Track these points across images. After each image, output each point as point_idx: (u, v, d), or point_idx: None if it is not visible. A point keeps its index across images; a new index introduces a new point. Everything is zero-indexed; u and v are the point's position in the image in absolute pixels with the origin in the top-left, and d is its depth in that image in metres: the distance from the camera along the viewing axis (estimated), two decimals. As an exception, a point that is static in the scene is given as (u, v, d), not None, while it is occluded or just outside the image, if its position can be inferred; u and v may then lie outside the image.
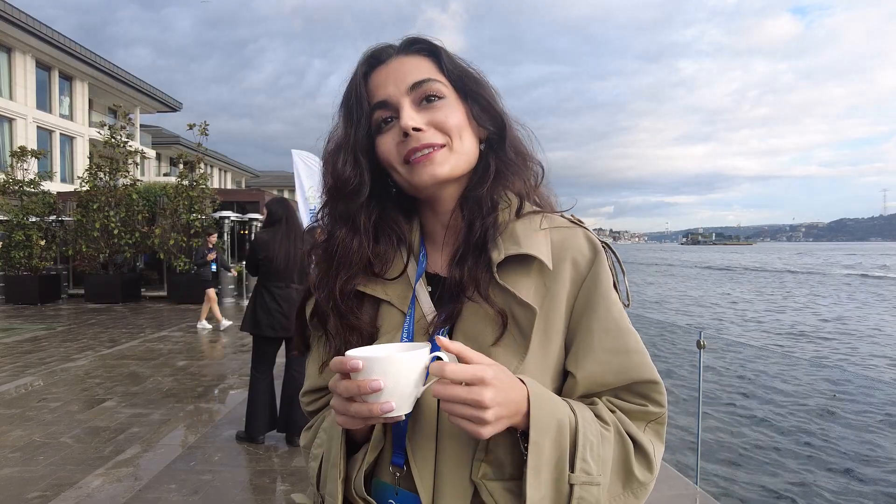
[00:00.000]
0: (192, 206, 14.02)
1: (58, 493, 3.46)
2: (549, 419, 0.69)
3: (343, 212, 0.84)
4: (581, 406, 0.75)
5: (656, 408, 0.79)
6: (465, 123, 0.81)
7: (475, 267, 0.79)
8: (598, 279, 0.79)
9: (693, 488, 3.35)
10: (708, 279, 39.59)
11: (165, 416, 4.99)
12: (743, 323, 17.43)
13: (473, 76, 0.85)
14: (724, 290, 30.46)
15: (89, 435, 4.51)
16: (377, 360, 0.65)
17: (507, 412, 0.66)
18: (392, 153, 0.80)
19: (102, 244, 13.92)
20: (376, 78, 0.82)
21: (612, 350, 0.77)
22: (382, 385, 0.64)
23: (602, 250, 0.82)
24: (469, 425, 0.64)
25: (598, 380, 0.77)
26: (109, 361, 6.95)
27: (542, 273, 0.79)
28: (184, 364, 7.09)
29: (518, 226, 0.81)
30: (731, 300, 24.59)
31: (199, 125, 14.64)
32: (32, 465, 3.88)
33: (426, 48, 0.84)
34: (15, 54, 22.91)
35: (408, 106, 0.79)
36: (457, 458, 0.74)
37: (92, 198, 14.00)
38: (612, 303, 0.79)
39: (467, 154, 0.82)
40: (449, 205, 0.85)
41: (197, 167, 14.61)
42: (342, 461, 0.79)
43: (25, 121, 23.33)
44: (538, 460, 0.67)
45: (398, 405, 0.64)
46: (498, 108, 0.85)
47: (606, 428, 0.74)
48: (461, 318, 0.79)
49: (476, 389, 0.63)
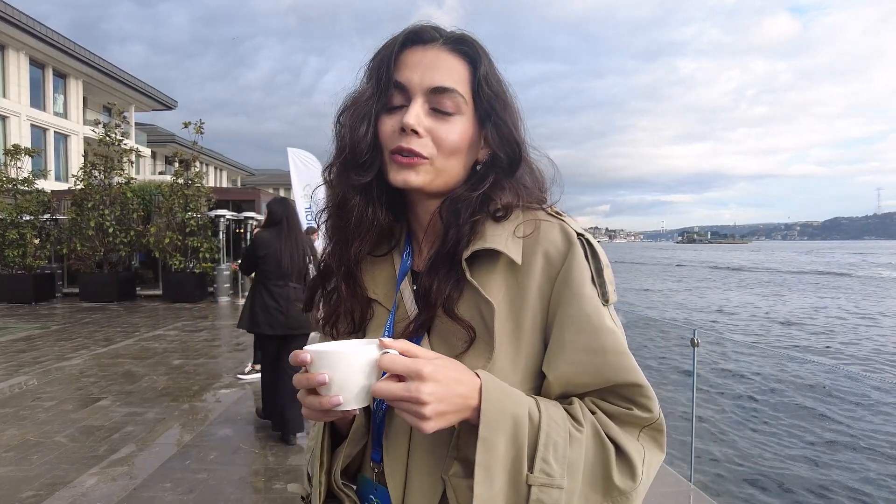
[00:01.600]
0: (188, 205, 13.98)
1: (52, 492, 3.45)
2: (502, 414, 0.66)
3: (356, 182, 0.81)
4: (551, 404, 0.72)
5: (643, 412, 0.73)
6: (463, 146, 0.79)
7: (445, 279, 0.77)
8: (570, 273, 0.75)
9: (686, 485, 3.37)
10: (733, 283, 33.37)
11: (160, 415, 4.98)
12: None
13: (504, 100, 0.82)
14: (777, 300, 23.38)
15: (84, 434, 4.50)
16: (324, 354, 0.65)
17: (450, 407, 0.64)
18: (387, 138, 0.79)
19: (97, 243, 13.87)
20: (409, 56, 0.79)
21: (585, 349, 0.73)
22: (327, 379, 0.64)
23: (577, 242, 0.77)
24: (411, 419, 0.63)
25: (573, 380, 0.73)
26: (104, 360, 6.93)
27: (513, 269, 0.77)
28: (179, 363, 7.08)
29: (490, 224, 0.78)
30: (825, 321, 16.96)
31: (195, 123, 14.60)
32: (26, 465, 3.87)
33: (470, 53, 0.81)
34: (8, 52, 22.77)
35: (419, 104, 0.77)
36: (429, 455, 0.74)
37: (87, 196, 13.95)
38: (584, 298, 0.74)
39: (448, 174, 0.80)
40: (427, 210, 0.84)
41: (192, 166, 14.57)
42: (325, 453, 0.80)
43: (19, 119, 23.20)
44: (488, 457, 0.65)
45: (346, 399, 0.65)
46: (517, 138, 0.82)
47: (578, 429, 0.70)
48: (436, 322, 0.78)
49: (413, 385, 0.62)
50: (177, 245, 13.85)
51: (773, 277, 38.16)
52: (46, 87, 25.01)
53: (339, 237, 0.85)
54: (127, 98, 29.66)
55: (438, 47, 0.80)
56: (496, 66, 0.83)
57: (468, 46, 0.81)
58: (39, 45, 23.28)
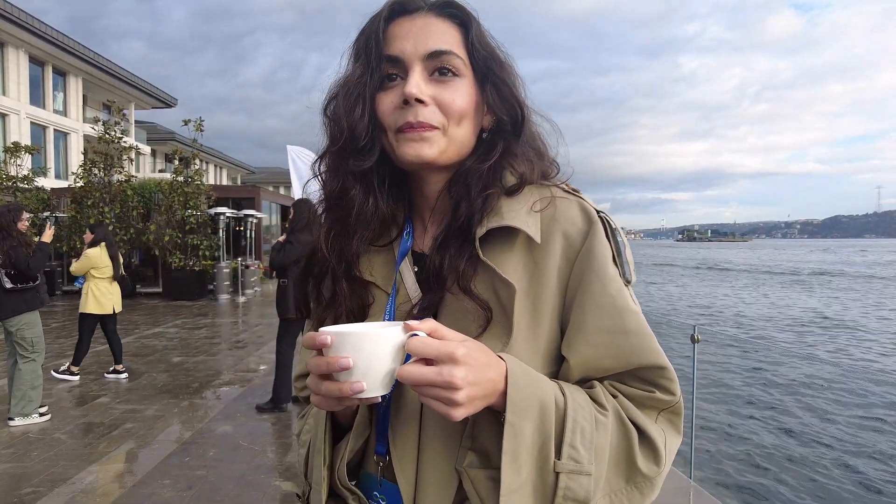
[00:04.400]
0: (188, 203, 13.99)
1: (51, 488, 3.45)
2: (530, 399, 0.63)
3: (355, 169, 0.77)
4: (574, 388, 0.69)
5: (665, 395, 0.71)
6: (469, 110, 0.75)
7: (457, 254, 0.73)
8: (592, 253, 0.72)
9: (686, 481, 3.37)
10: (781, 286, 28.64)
11: (160, 412, 4.99)
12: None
13: (499, 59, 0.78)
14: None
15: (83, 431, 4.50)
16: (347, 336, 0.60)
17: (481, 392, 0.60)
18: (388, 116, 0.74)
19: (97, 240, 13.86)
20: (397, 28, 0.75)
21: (608, 331, 0.70)
22: (352, 363, 0.59)
23: (598, 221, 0.73)
24: (440, 406, 0.59)
25: (594, 364, 0.70)
26: (103, 358, 6.92)
27: (531, 248, 0.73)
28: (179, 360, 7.08)
29: (505, 201, 0.74)
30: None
31: (195, 121, 14.60)
32: (26, 461, 3.87)
33: (459, 16, 0.77)
34: (8, 49, 22.75)
35: (418, 72, 0.73)
36: (441, 446, 0.70)
37: (86, 194, 13.96)
38: (608, 279, 0.71)
39: (459, 142, 0.76)
40: (435, 187, 0.80)
41: (192, 164, 14.56)
42: (326, 447, 0.76)
43: (19, 116, 23.18)
44: (515, 444, 0.62)
45: (370, 385, 0.60)
46: (518, 97, 0.79)
47: (603, 413, 0.67)
48: (444, 305, 0.74)
49: (446, 369, 0.57)
50: (176, 243, 13.86)
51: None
52: (46, 84, 24.98)
53: (339, 230, 0.80)
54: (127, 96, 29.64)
55: (425, 14, 0.76)
56: (487, 30, 0.79)
57: (456, 9, 0.77)
58: (39, 43, 23.25)
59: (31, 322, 4.66)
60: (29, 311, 4.64)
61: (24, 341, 4.59)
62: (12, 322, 4.58)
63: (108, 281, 6.03)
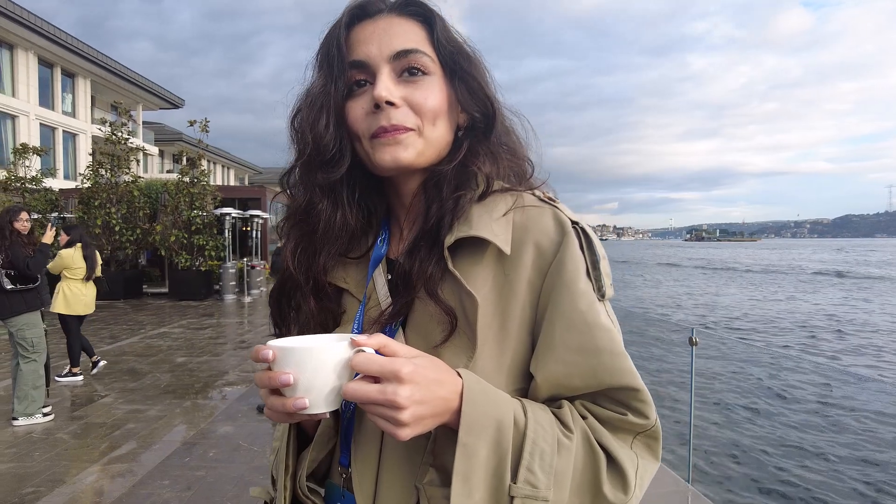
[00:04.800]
0: (193, 203, 14.07)
1: (52, 488, 3.48)
2: (486, 419, 0.60)
3: (323, 182, 0.75)
4: (538, 408, 0.66)
5: (639, 418, 0.68)
6: (443, 108, 0.74)
7: (427, 258, 0.71)
8: (563, 265, 0.68)
9: (684, 486, 3.35)
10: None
11: (162, 412, 5.01)
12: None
13: (467, 54, 0.76)
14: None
15: (86, 431, 4.54)
16: (289, 351, 0.58)
17: (430, 411, 0.58)
18: (360, 123, 0.72)
19: (104, 241, 13.97)
20: (359, 32, 0.74)
21: (577, 349, 0.66)
22: (292, 380, 0.57)
23: (572, 231, 0.70)
24: (385, 425, 0.57)
25: (563, 382, 0.67)
26: (109, 358, 6.97)
27: (501, 258, 0.70)
28: (183, 360, 7.12)
29: (476, 208, 0.72)
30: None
31: (200, 122, 14.68)
32: (28, 461, 3.90)
33: (421, 13, 0.75)
34: (17, 51, 22.95)
35: (386, 74, 0.71)
36: (402, 462, 0.69)
37: (93, 195, 14.09)
38: (578, 293, 0.67)
39: (437, 142, 0.74)
40: (411, 190, 0.78)
41: (198, 164, 14.65)
42: (290, 457, 0.75)
43: (28, 118, 23.39)
44: (468, 465, 0.59)
45: (314, 402, 0.58)
46: (488, 93, 0.77)
47: (568, 436, 0.64)
48: (413, 311, 0.72)
49: (390, 387, 0.55)
50: (183, 243, 13.95)
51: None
52: (55, 86, 25.20)
53: (306, 245, 0.78)
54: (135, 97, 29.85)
55: (387, 15, 0.74)
56: (452, 25, 0.77)
57: (418, 6, 0.75)
58: (48, 45, 23.45)
59: (32, 322, 4.70)
60: (29, 311, 4.68)
61: (25, 341, 4.63)
62: (13, 322, 4.62)
63: (81, 282, 6.01)
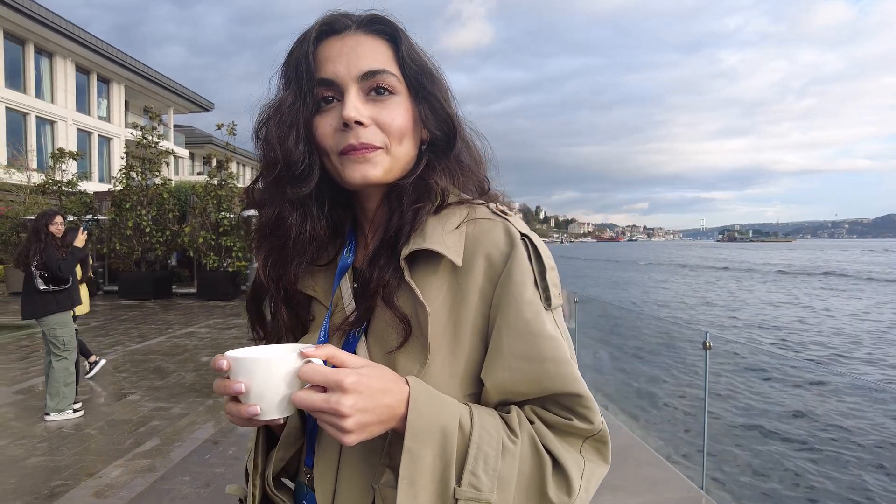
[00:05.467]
0: (221, 205, 14.36)
1: (79, 481, 3.62)
2: (431, 425, 0.63)
3: (293, 196, 0.77)
4: (485, 413, 0.69)
5: (584, 423, 0.70)
6: (409, 127, 0.77)
7: (385, 267, 0.74)
8: (510, 276, 0.71)
9: (698, 492, 3.31)
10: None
11: (185, 410, 5.16)
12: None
13: (430, 73, 0.79)
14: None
15: (113, 427, 4.70)
16: (241, 361, 0.62)
17: (374, 418, 0.61)
18: (328, 139, 0.75)
19: (135, 242, 14.38)
20: (327, 50, 0.76)
21: (523, 357, 0.69)
22: (244, 388, 0.62)
23: (520, 243, 0.73)
24: (332, 431, 0.61)
25: (510, 388, 0.70)
26: (137, 357, 7.20)
27: (454, 270, 0.73)
28: (207, 360, 7.28)
29: (430, 220, 0.75)
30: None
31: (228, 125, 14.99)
32: (58, 455, 4.06)
33: (388, 31, 0.77)
34: (56, 59, 23.81)
35: (354, 94, 0.73)
36: (360, 463, 0.72)
37: (125, 197, 14.49)
38: (524, 303, 0.70)
39: (403, 159, 0.77)
40: (375, 201, 0.82)
41: (226, 166, 14.95)
42: (259, 456, 0.80)
43: (66, 123, 24.24)
44: (413, 469, 0.62)
45: (266, 409, 0.62)
46: (449, 111, 0.80)
47: (513, 440, 0.67)
48: (373, 318, 0.76)
49: (334, 397, 0.59)
50: (211, 244, 14.24)
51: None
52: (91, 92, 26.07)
53: (277, 257, 0.81)
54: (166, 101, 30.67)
55: (354, 32, 0.76)
56: (415, 41, 0.79)
57: (384, 25, 0.77)
58: (84, 52, 24.26)
59: (63, 322, 4.89)
60: (60, 311, 4.87)
61: (57, 340, 4.82)
62: (45, 322, 4.82)
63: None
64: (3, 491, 3.47)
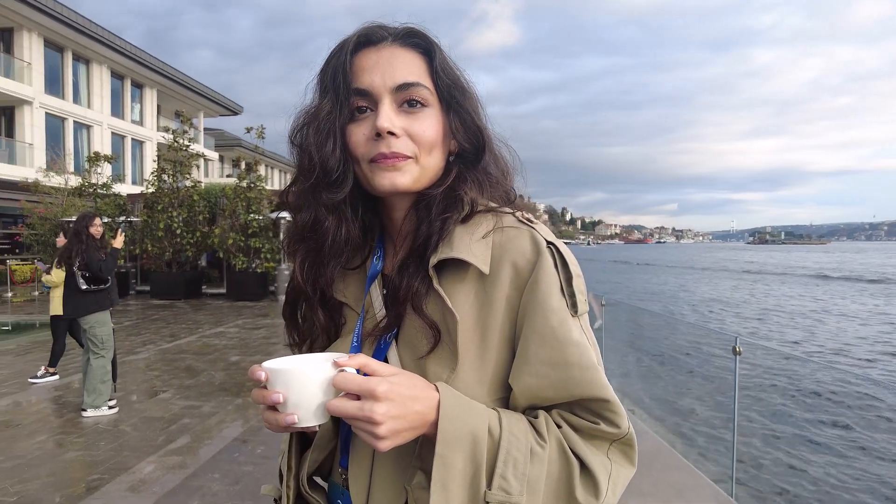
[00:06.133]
0: (250, 207, 14.60)
1: (114, 476, 3.72)
2: (461, 431, 0.65)
3: (327, 201, 0.80)
4: (514, 418, 0.70)
5: (611, 427, 0.71)
6: (439, 138, 0.79)
7: (414, 275, 0.76)
8: (536, 283, 0.73)
9: (727, 500, 3.26)
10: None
11: (215, 408, 5.26)
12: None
13: (462, 86, 0.81)
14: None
15: (146, 424, 4.82)
16: (278, 373, 0.65)
17: (406, 425, 0.64)
18: (360, 147, 0.77)
19: (166, 243, 14.71)
20: (363, 60, 0.78)
21: (549, 363, 0.71)
22: (282, 399, 0.64)
23: (546, 251, 0.74)
24: (366, 437, 0.63)
25: (538, 394, 0.72)
26: (168, 355, 7.36)
27: (481, 278, 0.75)
28: (237, 359, 7.42)
29: (458, 229, 0.77)
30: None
31: (256, 128, 15.25)
32: (94, 450, 4.19)
33: (423, 45, 0.79)
34: (93, 66, 24.55)
35: (388, 105, 0.75)
36: (393, 464, 0.74)
37: (157, 199, 14.84)
38: (550, 310, 0.71)
39: (432, 169, 0.79)
40: (402, 211, 0.83)
41: (255, 169, 15.20)
42: (293, 458, 0.83)
43: (101, 127, 24.96)
44: (445, 474, 0.64)
45: (303, 417, 0.64)
46: (479, 125, 0.82)
47: (541, 444, 0.68)
48: (403, 325, 0.77)
49: (367, 404, 0.61)
50: (240, 245, 14.49)
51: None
52: (125, 96, 26.81)
53: (313, 259, 0.83)
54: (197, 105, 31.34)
55: (390, 45, 0.78)
56: (448, 54, 0.81)
57: (419, 38, 0.79)
58: (119, 58, 24.97)
59: (102, 321, 5.04)
60: (100, 310, 5.03)
61: (96, 338, 4.98)
62: (86, 320, 4.98)
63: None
64: (44, 484, 3.60)
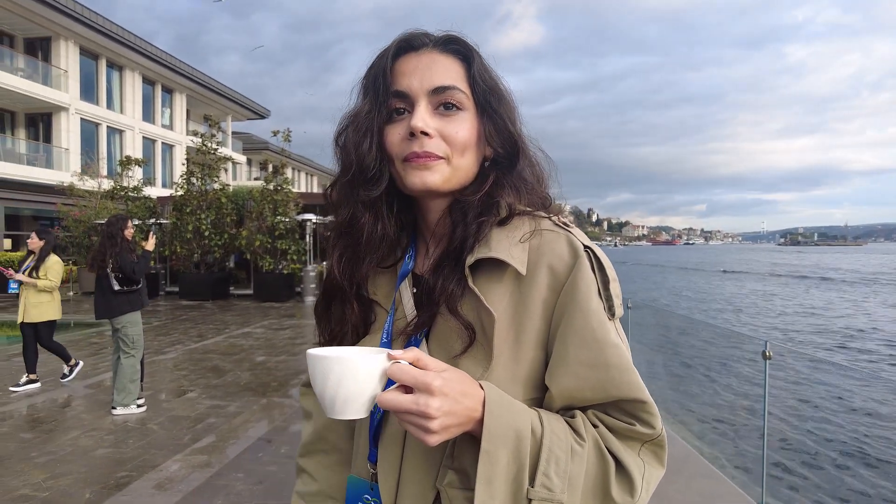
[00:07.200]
0: (277, 209, 14.81)
1: (142, 474, 3.79)
2: (506, 428, 0.66)
3: (365, 198, 0.82)
4: (553, 418, 0.71)
5: (646, 428, 0.73)
6: (472, 141, 0.80)
7: (449, 276, 0.78)
8: (575, 286, 0.74)
9: (757, 507, 3.17)
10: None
11: (241, 408, 5.33)
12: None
13: (499, 93, 0.83)
14: None
15: (172, 423, 4.90)
16: (331, 361, 0.64)
17: (456, 421, 0.64)
18: (395, 147, 0.80)
19: (195, 245, 15.02)
20: (404, 64, 0.81)
21: (588, 364, 0.72)
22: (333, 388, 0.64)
23: (584, 255, 0.75)
24: (416, 432, 0.63)
25: (576, 395, 0.73)
26: (195, 355, 7.49)
27: (518, 279, 0.76)
28: (262, 359, 7.51)
29: (496, 232, 0.78)
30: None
31: (283, 131, 15.46)
32: (123, 448, 4.27)
33: (462, 51, 0.82)
34: (125, 72, 25.21)
35: (423, 107, 0.78)
36: (423, 463, 0.75)
37: (185, 202, 15.16)
38: (590, 312, 0.73)
39: (464, 171, 0.81)
40: (437, 212, 0.85)
41: (281, 172, 15.41)
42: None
43: (133, 132, 25.60)
44: (490, 470, 0.65)
45: (345, 409, 0.64)
46: (513, 130, 0.83)
47: (580, 444, 0.69)
48: (436, 324, 0.79)
49: (422, 398, 0.61)
50: (266, 247, 14.70)
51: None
52: (156, 101, 27.46)
53: (350, 255, 0.86)
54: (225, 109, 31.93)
55: (430, 50, 0.81)
56: (487, 61, 0.84)
57: (459, 45, 0.82)
58: (150, 65, 25.60)
59: (134, 321, 5.16)
60: (132, 311, 5.14)
61: (127, 338, 5.09)
62: (119, 321, 5.09)
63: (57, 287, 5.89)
64: (75, 479, 3.68)
